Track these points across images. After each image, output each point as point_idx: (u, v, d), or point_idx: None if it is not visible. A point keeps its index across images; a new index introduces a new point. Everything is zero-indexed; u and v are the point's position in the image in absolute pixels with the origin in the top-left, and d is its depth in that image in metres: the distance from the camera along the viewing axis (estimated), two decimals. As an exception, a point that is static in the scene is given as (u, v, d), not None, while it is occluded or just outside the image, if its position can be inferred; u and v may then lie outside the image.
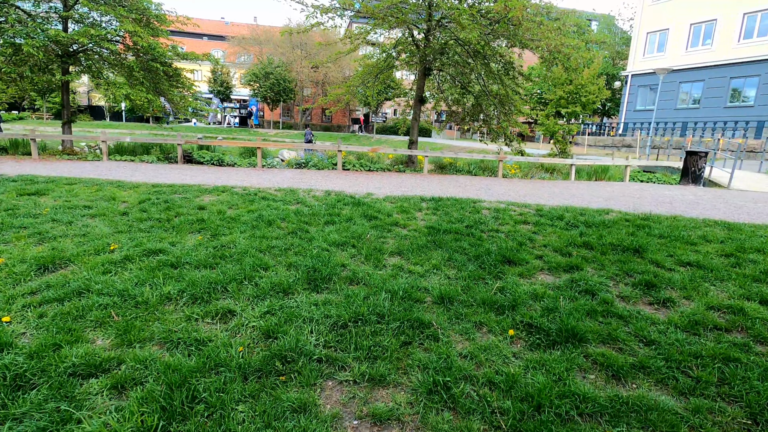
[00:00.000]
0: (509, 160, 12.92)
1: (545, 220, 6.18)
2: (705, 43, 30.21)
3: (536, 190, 10.24)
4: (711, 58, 29.69)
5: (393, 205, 6.88)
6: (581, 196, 9.29)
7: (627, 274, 4.46)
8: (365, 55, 15.34)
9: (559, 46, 10.62)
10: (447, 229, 5.60)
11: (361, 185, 9.50)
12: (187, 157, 14.76)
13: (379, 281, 4.05)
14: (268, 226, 5.50)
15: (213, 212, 6.00)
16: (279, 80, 42.43)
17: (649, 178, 13.96)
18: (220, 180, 9.42)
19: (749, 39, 27.37)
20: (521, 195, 9.02)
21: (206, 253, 4.56)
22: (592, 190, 10.76)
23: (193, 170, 11.40)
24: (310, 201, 7.06)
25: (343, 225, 5.62)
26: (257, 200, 6.85)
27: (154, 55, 14.15)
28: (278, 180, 9.81)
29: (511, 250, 4.87)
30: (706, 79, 30.26)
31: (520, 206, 7.13)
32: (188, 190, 7.43)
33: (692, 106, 31.31)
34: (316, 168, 13.05)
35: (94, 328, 3.27)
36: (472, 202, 7.22)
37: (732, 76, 28.86)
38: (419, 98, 13.97)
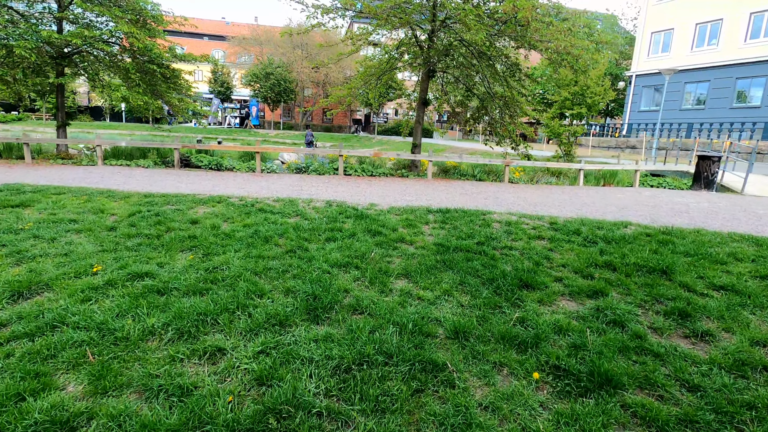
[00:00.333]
0: (515, 165, 12.53)
1: (561, 235, 5.79)
2: (710, 43, 29.78)
3: (546, 197, 9.85)
4: (717, 59, 29.27)
5: (398, 218, 6.49)
6: (593, 205, 8.89)
7: (656, 300, 4.07)
8: (366, 57, 14.95)
9: (569, 48, 10.22)
10: (457, 246, 5.21)
11: (363, 193, 9.12)
12: (184, 161, 14.38)
13: (386, 310, 3.67)
14: (265, 244, 5.11)
15: (206, 227, 5.62)
16: (279, 81, 42.05)
17: (659, 182, 13.55)
18: (217, 188, 9.04)
19: (756, 39, 26.94)
20: (531, 204, 8.63)
21: (196, 276, 4.18)
22: (604, 197, 10.36)
23: (190, 176, 11.03)
24: (310, 213, 6.68)
25: (345, 242, 5.23)
26: (254, 212, 6.47)
27: (151, 57, 13.78)
28: (277, 188, 9.43)
29: (528, 272, 4.48)
30: (712, 80, 29.84)
31: (533, 218, 6.74)
32: (182, 201, 7.05)
33: (697, 107, 30.90)
34: (316, 173, 12.67)
35: (67, 370, 2.90)
36: (482, 214, 6.83)
37: (738, 77, 28.43)
38: (423, 100, 13.58)
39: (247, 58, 50.56)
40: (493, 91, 13.65)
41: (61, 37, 12.07)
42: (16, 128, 37.20)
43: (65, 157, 13.57)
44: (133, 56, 14.08)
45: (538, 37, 10.26)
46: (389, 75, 14.63)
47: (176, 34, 18.29)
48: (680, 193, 11.69)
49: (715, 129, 28.56)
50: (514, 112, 14.32)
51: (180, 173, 11.51)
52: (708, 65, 29.73)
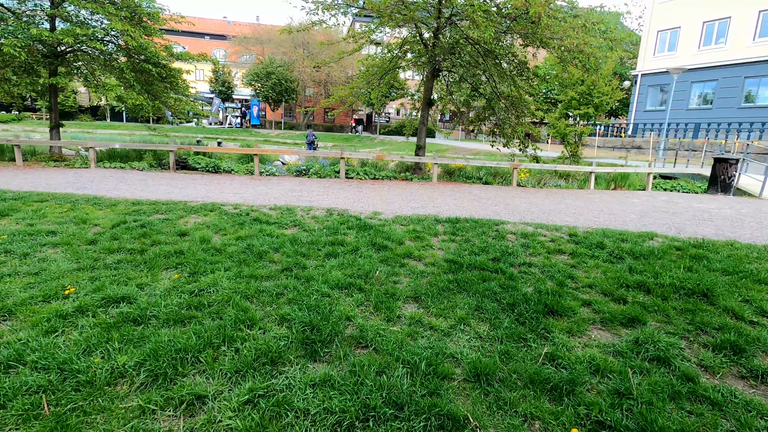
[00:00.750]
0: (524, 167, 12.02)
1: (583, 249, 5.28)
2: (718, 41, 29.20)
3: (559, 203, 9.33)
4: (724, 57, 28.69)
5: (404, 229, 5.99)
6: (611, 212, 8.38)
7: (701, 329, 3.57)
8: (369, 56, 14.45)
9: (581, 45, 9.70)
10: (470, 263, 4.71)
11: (366, 200, 8.61)
12: (181, 163, 13.90)
13: (394, 344, 3.18)
14: (258, 260, 4.62)
15: (195, 240, 5.13)
16: (281, 80, 41.54)
17: (673, 186, 13.02)
18: (211, 193, 8.55)
19: (765, 37, 26.35)
20: (545, 211, 8.11)
21: (179, 301, 3.69)
22: (619, 202, 9.85)
23: (185, 179, 10.54)
24: (309, 223, 6.19)
25: (347, 258, 4.74)
26: (249, 223, 5.98)
27: (147, 56, 13.30)
28: (275, 193, 8.93)
29: (552, 295, 3.98)
30: (720, 79, 29.27)
31: (550, 229, 6.23)
32: (172, 209, 6.56)
33: (704, 106, 30.33)
34: (317, 176, 12.18)
35: (17, 425, 2.42)
36: (494, 224, 6.33)
37: (747, 76, 27.85)
38: (427, 101, 13.07)
39: (249, 58, 50.08)
40: (500, 91, 13.14)
41: (52, 35, 11.60)
42: (16, 128, 36.82)
43: (58, 159, 13.11)
44: (129, 55, 13.60)
45: (549, 34, 9.74)
46: (392, 74, 14.12)
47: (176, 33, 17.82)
48: (697, 198, 11.16)
49: (723, 129, 27.99)
50: (520, 113, 13.83)
51: (175, 176, 11.03)
52: (715, 64, 29.15)
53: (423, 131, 13.23)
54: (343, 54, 13.06)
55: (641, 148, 31.49)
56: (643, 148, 31.33)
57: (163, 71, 13.77)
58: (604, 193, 11.56)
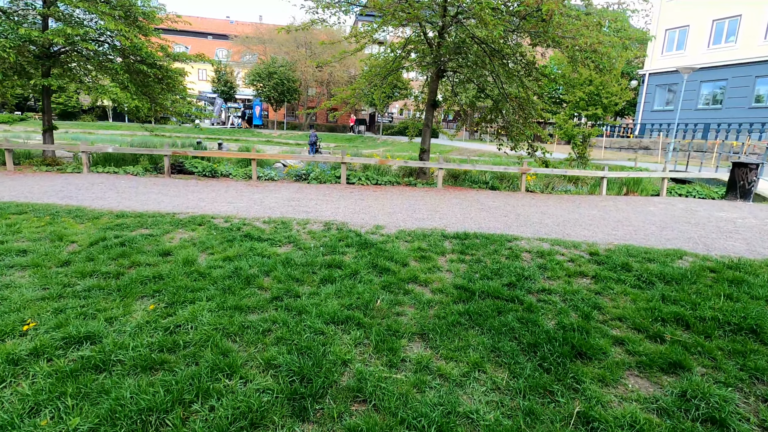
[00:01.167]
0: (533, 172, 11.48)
1: (607, 272, 4.75)
2: (728, 40, 28.54)
3: (573, 212, 8.79)
4: (734, 56, 28.03)
5: (409, 246, 5.47)
6: (629, 223, 7.83)
7: (755, 377, 3.05)
8: (372, 55, 13.93)
9: (595, 44, 9.15)
10: (483, 289, 4.20)
11: (367, 210, 8.09)
12: (178, 167, 13.45)
13: (397, 400, 2.68)
14: (246, 287, 4.13)
15: (178, 262, 4.64)
16: (283, 80, 41.06)
17: (688, 191, 12.44)
18: (203, 202, 8.05)
19: (777, 36, 25.65)
20: (560, 223, 7.57)
21: (151, 341, 3.20)
22: (636, 210, 9.30)
23: (178, 186, 10.05)
24: (305, 240, 5.68)
25: (345, 284, 4.23)
26: (239, 240, 5.48)
27: (142, 57, 12.83)
28: (271, 202, 8.43)
29: (578, 332, 3.47)
30: (729, 79, 28.59)
31: (568, 246, 5.70)
32: (158, 223, 6.08)
33: (714, 106, 29.66)
34: (317, 181, 11.68)
35: None
36: (507, 241, 5.81)
37: (758, 75, 27.18)
38: (432, 102, 12.54)
39: (252, 58, 49.64)
40: (507, 92, 12.61)
41: (42, 35, 11.14)
42: (17, 129, 36.53)
43: (51, 163, 12.67)
44: (124, 56, 13.15)
45: (561, 32, 9.19)
46: (395, 75, 13.61)
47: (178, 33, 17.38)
48: (717, 205, 10.58)
49: (733, 130, 27.34)
50: (528, 114, 13.29)
51: (168, 183, 10.55)
52: (725, 63, 28.48)
53: (427, 134, 12.71)
54: (345, 53, 12.57)
55: (649, 148, 30.85)
56: (650, 149, 30.69)
57: (159, 72, 13.30)
58: (618, 200, 11.01)
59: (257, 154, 11.49)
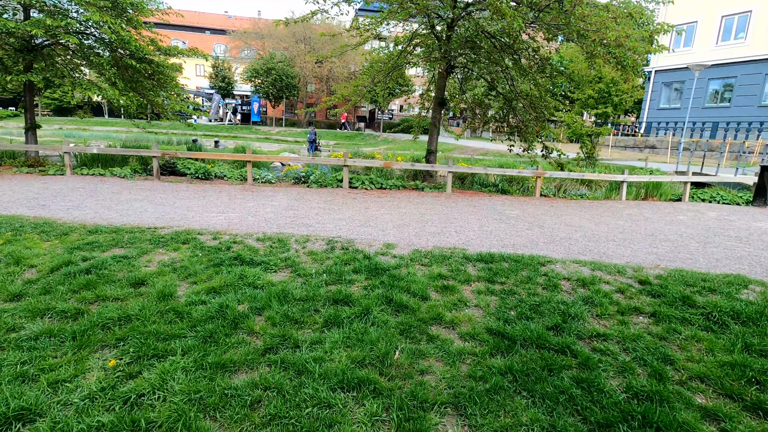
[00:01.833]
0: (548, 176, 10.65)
1: (666, 308, 3.93)
2: (738, 36, 27.70)
3: (598, 223, 7.95)
4: (744, 53, 27.21)
5: (426, 272, 4.64)
6: (663, 236, 7.01)
7: None
8: (374, 49, 13.04)
9: (622, 39, 8.30)
10: (524, 335, 3.37)
11: (374, 221, 7.23)
12: (170, 168, 12.56)
13: None
14: (233, 332, 3.29)
15: (153, 295, 3.80)
16: (281, 76, 39.99)
17: (711, 196, 11.62)
18: (191, 212, 7.17)
19: (788, 33, 24.83)
20: (588, 236, 6.72)
21: (103, 420, 2.37)
22: (665, 220, 8.47)
23: (167, 191, 9.17)
24: (305, 263, 4.84)
25: (355, 327, 3.40)
26: (227, 263, 4.63)
27: (131, 51, 11.90)
28: (268, 212, 7.55)
29: (656, 402, 2.65)
30: (739, 76, 27.76)
31: (611, 271, 4.87)
32: (136, 241, 5.23)
33: (722, 104, 28.86)
34: (318, 185, 10.81)
35: None
36: (539, 264, 4.98)
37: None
38: (440, 100, 11.67)
39: (250, 53, 48.50)
40: (518, 90, 11.76)
41: (19, 26, 10.21)
42: (10, 125, 35.50)
43: (34, 164, 11.77)
44: (112, 50, 12.22)
45: (584, 25, 8.33)
46: (399, 71, 12.74)
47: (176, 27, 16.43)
48: (749, 213, 9.75)
49: (743, 129, 26.56)
50: (540, 114, 12.46)
51: (156, 187, 9.67)
52: (735, 60, 27.66)
53: (435, 134, 11.85)
54: (345, 48, 11.70)
55: (655, 147, 30.06)
56: (657, 148, 29.90)
57: (150, 67, 12.38)
58: (641, 207, 10.18)
59: (253, 156, 10.61)
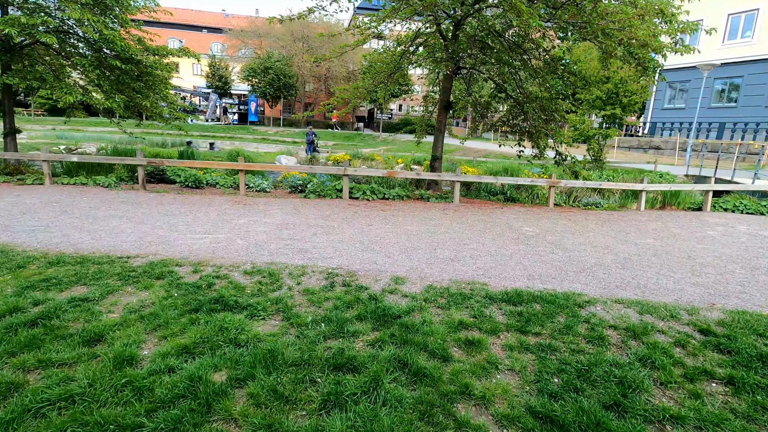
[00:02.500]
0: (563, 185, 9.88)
1: (744, 371, 3.14)
2: (744, 35, 26.97)
3: (625, 242, 7.16)
4: (751, 53, 26.48)
5: (445, 319, 3.84)
6: (702, 260, 6.23)
7: None
8: (376, 50, 12.24)
9: (647, 38, 7.53)
10: (576, 419, 2.59)
11: (379, 244, 6.38)
12: (158, 175, 11.76)
13: None
14: (204, 421, 2.50)
15: (109, 360, 3.00)
16: (279, 75, 39.09)
17: (734, 206, 10.86)
18: (174, 233, 6.34)
19: (797, 32, 24.13)
20: (622, 263, 5.88)
21: None
22: (695, 236, 7.71)
23: (150, 205, 8.32)
24: (299, 306, 4.05)
25: (361, 410, 2.61)
26: (206, 308, 3.83)
27: (116, 51, 11.06)
28: (260, 232, 6.73)
29: None
30: (746, 76, 27.03)
31: (661, 315, 4.08)
32: (102, 275, 4.43)
33: (729, 104, 28.14)
34: (316, 194, 10.01)
35: None
36: (575, 305, 4.19)
37: (776, 72, 25.68)
38: (446, 103, 10.87)
39: (248, 52, 47.53)
40: (526, 92, 11.00)
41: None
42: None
43: (13, 172, 10.94)
44: (96, 50, 11.39)
45: (604, 23, 7.55)
46: (402, 72, 11.94)
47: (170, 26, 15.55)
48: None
49: (750, 129, 25.86)
50: (550, 117, 11.71)
51: (140, 199, 8.84)
52: (741, 60, 26.92)
53: (440, 139, 11.05)
54: (345, 47, 10.89)
55: (660, 148, 29.38)
56: (662, 149, 29.22)
57: (137, 68, 11.54)
58: (664, 219, 9.41)
59: (245, 165, 9.78)
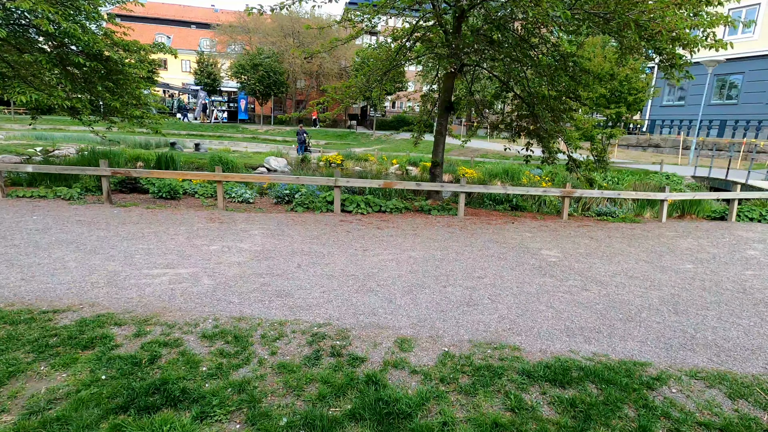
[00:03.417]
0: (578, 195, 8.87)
1: None
2: (745, 30, 26.11)
3: (663, 269, 6.14)
4: (752, 48, 25.67)
5: (471, 411, 2.74)
6: (759, 292, 5.24)
7: None
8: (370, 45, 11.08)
9: (681, 32, 6.51)
10: None
11: (377, 282, 5.15)
12: (130, 184, 10.55)
13: None
14: None
15: None
16: (269, 72, 37.64)
17: (762, 215, 9.92)
18: (126, 269, 5.13)
19: (800, 27, 23.33)
20: (674, 306, 4.74)
21: None
22: (736, 257, 6.71)
23: (109, 225, 7.09)
24: (272, 395, 2.93)
25: None
26: (140, 402, 2.70)
27: (81, 47, 9.80)
28: (233, 264, 5.55)
29: None
30: (747, 72, 26.22)
31: (762, 403, 3.05)
32: (11, 344, 3.25)
33: (729, 101, 27.36)
34: (303, 207, 8.87)
35: None
36: (643, 385, 3.08)
37: (778, 68, 24.95)
38: (447, 104, 9.78)
39: (238, 48, 45.91)
40: (534, 92, 9.97)
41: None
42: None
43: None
44: (57, 45, 10.12)
45: (633, 14, 6.52)
46: (398, 69, 10.84)
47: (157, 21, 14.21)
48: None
49: (753, 127, 25.09)
50: (558, 117, 10.72)
51: (100, 217, 7.61)
52: (742, 55, 26.10)
53: (441, 143, 9.96)
54: (336, 42, 9.75)
55: (659, 146, 28.57)
56: (661, 147, 28.42)
57: (104, 66, 10.28)
58: (692, 233, 8.41)
59: (223, 175, 8.56)
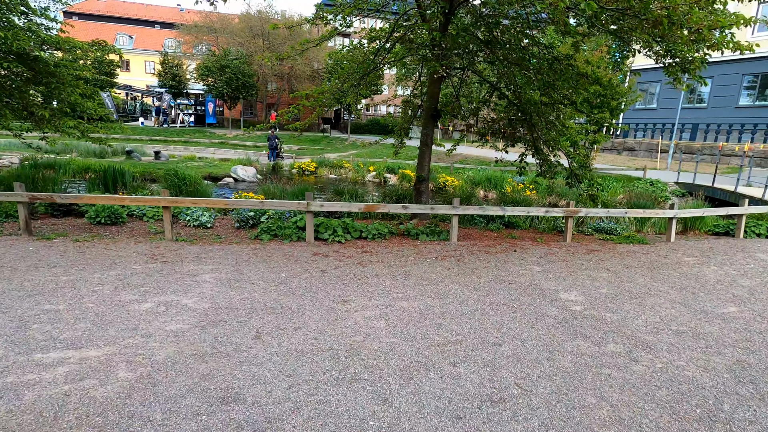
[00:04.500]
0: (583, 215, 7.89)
1: None
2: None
3: (708, 314, 5.13)
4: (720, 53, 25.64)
5: None
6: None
7: None
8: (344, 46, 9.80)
9: (706, 33, 5.60)
10: None
11: (363, 357, 3.80)
12: (63, 208, 8.87)
13: None
14: None
15: None
16: (237, 74, 35.68)
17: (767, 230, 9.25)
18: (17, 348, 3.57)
19: (765, 32, 23.64)
20: (738, 375, 3.75)
21: None
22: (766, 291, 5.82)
23: (17, 270, 5.46)
24: None
25: None
26: None
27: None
28: (168, 337, 4.04)
29: None
30: (715, 76, 26.33)
31: None
32: None
33: (699, 105, 27.50)
34: (270, 235, 7.48)
35: None
36: None
37: (745, 73, 25.20)
38: (433, 111, 8.61)
39: (205, 48, 43.55)
40: (529, 98, 9.02)
41: None
42: None
43: None
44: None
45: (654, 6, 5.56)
46: (376, 73, 9.63)
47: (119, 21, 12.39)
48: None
49: (723, 131, 25.22)
50: (551, 126, 9.90)
51: (4, 258, 5.97)
52: (711, 60, 26.08)
53: (427, 156, 8.79)
54: (306, 43, 8.45)
55: (633, 149, 28.50)
56: (635, 150, 28.34)
57: (28, 70, 8.56)
58: (708, 255, 7.52)
59: (170, 200, 6.99)
